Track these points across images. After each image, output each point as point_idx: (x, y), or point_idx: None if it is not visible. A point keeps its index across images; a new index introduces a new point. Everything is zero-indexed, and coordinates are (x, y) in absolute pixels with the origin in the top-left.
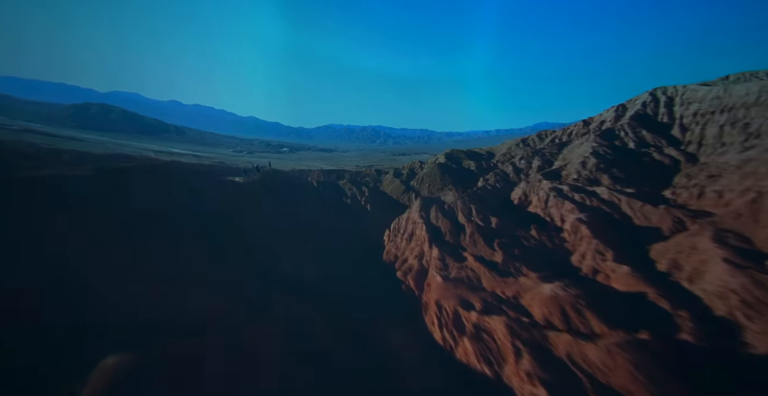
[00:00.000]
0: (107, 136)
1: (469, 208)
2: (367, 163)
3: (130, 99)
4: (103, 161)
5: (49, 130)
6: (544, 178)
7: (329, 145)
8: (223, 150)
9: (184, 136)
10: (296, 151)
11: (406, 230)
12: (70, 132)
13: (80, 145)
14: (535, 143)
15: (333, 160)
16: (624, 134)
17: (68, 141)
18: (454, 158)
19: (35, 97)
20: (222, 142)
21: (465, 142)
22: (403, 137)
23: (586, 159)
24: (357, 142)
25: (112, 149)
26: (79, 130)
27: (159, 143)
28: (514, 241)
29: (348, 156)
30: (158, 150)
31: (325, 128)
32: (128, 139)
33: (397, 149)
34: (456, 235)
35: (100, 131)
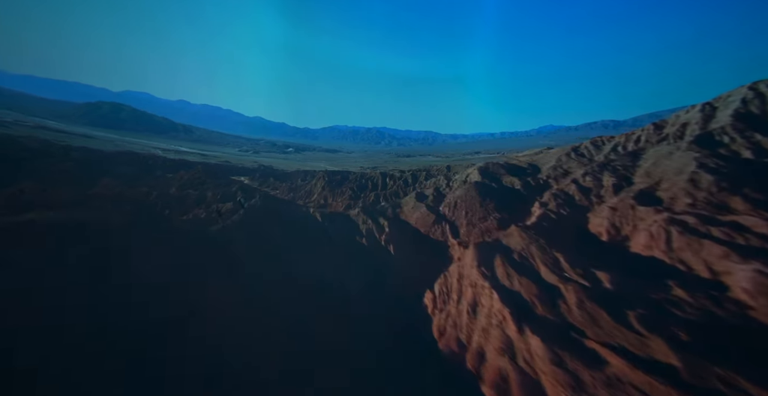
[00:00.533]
0: (117, 133)
1: (553, 257)
2: (372, 165)
3: (140, 98)
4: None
5: (62, 127)
6: (637, 202)
7: (334, 146)
8: (230, 149)
9: (191, 134)
10: (301, 152)
11: (462, 295)
12: (82, 129)
13: (91, 142)
14: (592, 153)
15: (338, 161)
16: (729, 140)
17: (80, 138)
18: (491, 174)
19: (51, 95)
20: (229, 142)
21: (470, 145)
22: (408, 139)
23: (695, 175)
24: (361, 143)
25: (120, 146)
26: (90, 127)
27: (167, 141)
28: (658, 312)
29: (353, 157)
30: (166, 148)
31: (330, 129)
32: (138, 137)
33: (402, 151)
34: (551, 303)
35: (111, 129)
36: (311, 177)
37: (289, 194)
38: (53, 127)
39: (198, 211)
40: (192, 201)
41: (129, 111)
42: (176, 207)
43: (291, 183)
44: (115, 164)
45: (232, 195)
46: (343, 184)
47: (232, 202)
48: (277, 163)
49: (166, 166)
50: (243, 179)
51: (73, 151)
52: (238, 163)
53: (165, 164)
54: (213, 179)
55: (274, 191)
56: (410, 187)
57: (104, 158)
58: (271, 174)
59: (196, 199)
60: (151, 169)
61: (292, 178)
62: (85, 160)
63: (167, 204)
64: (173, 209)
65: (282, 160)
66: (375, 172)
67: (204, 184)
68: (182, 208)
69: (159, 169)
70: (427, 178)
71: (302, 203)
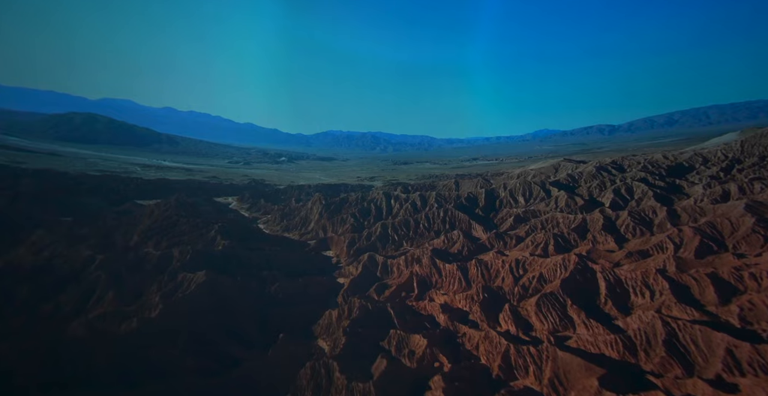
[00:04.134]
0: (92, 148)
1: None
2: (369, 174)
3: (122, 107)
4: None
5: (25, 144)
6: None
7: (329, 153)
8: (218, 161)
9: (176, 146)
10: (295, 161)
11: None
12: (50, 145)
13: (56, 161)
14: None
15: (333, 170)
16: None
17: (44, 157)
18: None
19: (19, 106)
20: (217, 153)
21: (467, 150)
22: (404, 143)
23: None
24: (357, 149)
25: (92, 165)
26: (61, 142)
27: (149, 155)
28: None
29: (348, 165)
30: (147, 163)
31: (324, 135)
32: (115, 151)
33: (398, 157)
34: None
35: (84, 143)
36: (306, 195)
37: (282, 222)
38: (14, 144)
39: (150, 295)
40: (150, 268)
41: (105, 122)
42: (121, 284)
43: (284, 205)
44: (76, 194)
45: (203, 255)
46: (343, 207)
47: (204, 270)
48: (269, 176)
49: (140, 190)
50: (231, 201)
51: (27, 177)
52: (226, 178)
53: (140, 187)
54: (188, 216)
55: (265, 216)
56: (420, 213)
57: (63, 186)
58: (262, 193)
59: (156, 263)
60: (122, 196)
61: (285, 196)
62: (35, 191)
63: (112, 280)
64: (114, 291)
65: (274, 171)
66: (378, 192)
67: (176, 226)
68: (130, 286)
69: (131, 195)
70: (438, 203)
71: (297, 236)
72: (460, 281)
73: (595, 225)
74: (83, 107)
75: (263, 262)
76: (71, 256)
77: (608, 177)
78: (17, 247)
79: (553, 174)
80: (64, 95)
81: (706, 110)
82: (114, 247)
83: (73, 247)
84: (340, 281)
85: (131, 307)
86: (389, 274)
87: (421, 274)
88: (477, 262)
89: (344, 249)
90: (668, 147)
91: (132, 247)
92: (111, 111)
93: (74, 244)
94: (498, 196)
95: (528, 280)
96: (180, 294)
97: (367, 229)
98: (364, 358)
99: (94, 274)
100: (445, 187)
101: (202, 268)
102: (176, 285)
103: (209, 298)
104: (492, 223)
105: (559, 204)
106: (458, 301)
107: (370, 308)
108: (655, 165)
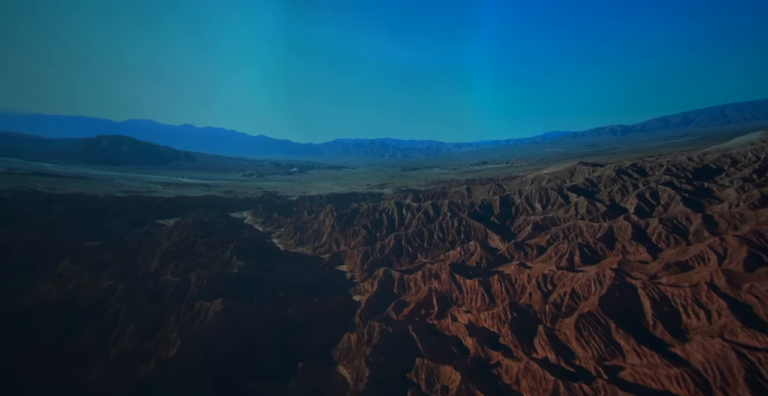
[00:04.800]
0: (117, 169)
1: None
2: (379, 181)
3: (144, 127)
4: None
5: (59, 170)
6: None
7: (338, 161)
8: (233, 175)
9: (194, 162)
10: (306, 171)
11: None
12: (80, 169)
13: (86, 185)
14: None
15: (343, 179)
16: None
17: (75, 181)
18: None
19: (55, 133)
20: (232, 166)
21: (476, 153)
22: (412, 149)
23: None
24: (366, 156)
25: (118, 186)
26: (90, 165)
27: (169, 173)
28: None
29: (358, 173)
30: (167, 181)
31: (334, 143)
32: (139, 171)
33: (407, 163)
34: None
35: (111, 165)
36: (318, 206)
37: (295, 235)
38: (50, 170)
39: (169, 327)
40: (169, 296)
41: (130, 143)
42: (141, 316)
43: (297, 217)
44: (102, 217)
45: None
46: (354, 219)
47: (221, 298)
48: (281, 187)
49: (161, 210)
50: (245, 215)
51: (56, 204)
52: (240, 192)
53: (160, 207)
54: (205, 236)
55: (279, 230)
56: (433, 223)
57: (91, 211)
58: (275, 206)
59: (174, 290)
60: (144, 217)
61: (297, 208)
62: (65, 219)
63: (132, 312)
64: (134, 324)
65: (287, 182)
66: (389, 202)
67: (193, 247)
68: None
69: (153, 214)
70: (452, 211)
71: (311, 251)
72: (483, 298)
73: (623, 234)
74: (110, 130)
75: (278, 282)
76: (94, 286)
77: (630, 181)
78: (46, 280)
79: (569, 178)
80: (93, 119)
81: (723, 109)
82: (135, 274)
83: (96, 275)
84: (356, 299)
85: (151, 341)
86: (406, 291)
87: (440, 290)
88: (500, 277)
89: (358, 263)
90: (685, 147)
91: (152, 272)
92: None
93: (97, 273)
94: (513, 202)
95: (559, 296)
96: (197, 326)
97: (380, 241)
98: (391, 394)
99: (115, 306)
100: (457, 194)
101: (218, 293)
102: (194, 315)
103: (227, 326)
104: (509, 231)
105: (580, 210)
106: (483, 320)
107: (390, 332)
108: (680, 167)
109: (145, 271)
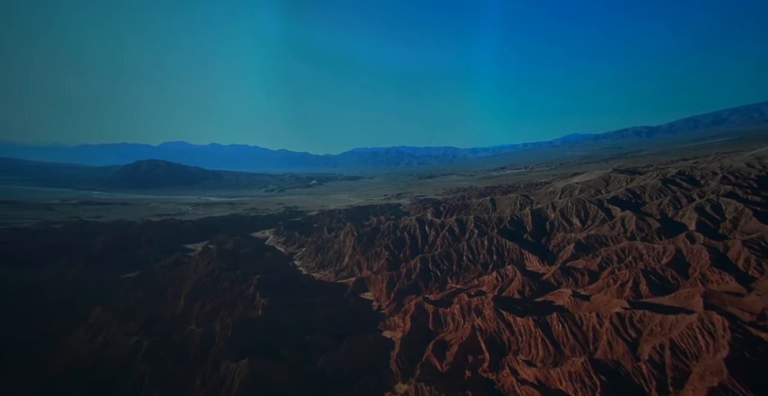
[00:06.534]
0: (154, 192)
1: None
2: (395, 191)
3: (177, 149)
4: None
5: (104, 197)
6: None
7: (355, 172)
8: (256, 191)
9: (220, 180)
10: (324, 183)
11: None
12: (122, 195)
13: (127, 210)
14: None
15: (360, 190)
16: None
17: (118, 207)
18: None
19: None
20: (255, 182)
21: (493, 159)
22: (427, 156)
23: None
24: (382, 165)
25: (154, 209)
26: (131, 190)
27: (199, 192)
28: None
29: (374, 183)
30: (196, 201)
31: (350, 153)
32: (172, 192)
33: (423, 171)
34: None
35: (149, 188)
36: (337, 222)
37: (317, 256)
38: (96, 199)
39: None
40: (194, 353)
41: (164, 167)
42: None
43: (317, 236)
44: (137, 245)
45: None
46: (375, 238)
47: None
48: (301, 202)
49: (189, 234)
50: (268, 235)
51: (99, 234)
52: (263, 208)
53: (189, 231)
54: (229, 268)
55: (300, 249)
56: (460, 242)
57: (128, 240)
58: (296, 224)
59: (199, 344)
60: (174, 242)
61: (318, 224)
62: (105, 249)
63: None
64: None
65: (306, 196)
66: (410, 220)
67: (218, 282)
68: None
69: (182, 239)
70: (479, 228)
71: (333, 275)
72: (545, 343)
73: (697, 258)
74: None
75: (304, 323)
76: (121, 341)
77: (680, 191)
78: (80, 326)
79: (604, 188)
80: (134, 145)
81: (759, 107)
82: (162, 318)
83: (124, 326)
84: (387, 336)
85: None
86: (443, 326)
87: (485, 329)
88: (560, 316)
89: (384, 290)
90: (721, 148)
91: (179, 315)
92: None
93: (126, 322)
94: (547, 217)
95: (655, 352)
96: (224, 395)
97: (404, 264)
98: None
99: (141, 369)
100: (480, 207)
101: (244, 346)
102: (220, 378)
103: (253, 391)
104: (547, 251)
105: (628, 227)
106: (557, 380)
107: None
108: (738, 175)
109: (172, 313)
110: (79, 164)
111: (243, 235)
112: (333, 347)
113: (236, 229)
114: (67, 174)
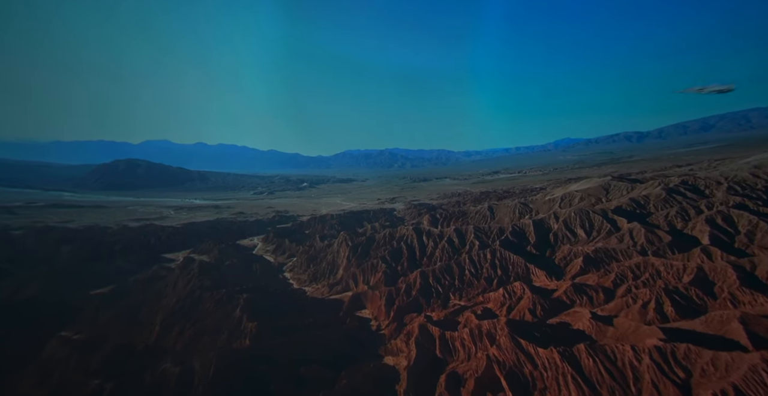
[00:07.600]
0: (133, 194)
1: None
2: (389, 195)
3: (160, 148)
4: None
5: (77, 199)
6: None
7: (348, 174)
8: (244, 193)
9: (207, 182)
10: (316, 185)
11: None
12: (97, 196)
13: (101, 214)
14: None
15: (353, 193)
16: None
17: (90, 211)
18: None
19: (75, 159)
20: (243, 184)
21: (486, 162)
22: (420, 159)
23: None
24: (375, 167)
25: (132, 213)
26: (107, 192)
27: (182, 194)
28: None
29: (368, 186)
30: (179, 205)
31: (342, 155)
32: (152, 194)
33: (417, 174)
34: None
35: (127, 189)
36: (330, 228)
37: (309, 268)
38: (67, 201)
39: None
40: (170, 393)
41: (144, 166)
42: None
43: (309, 245)
44: (110, 256)
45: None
46: (371, 249)
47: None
48: (291, 205)
49: (170, 242)
50: (256, 242)
51: (67, 243)
52: (251, 213)
53: (169, 239)
54: (212, 287)
55: (291, 260)
56: (461, 255)
57: (100, 249)
58: (286, 231)
59: (176, 386)
60: (153, 252)
61: (310, 231)
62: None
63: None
64: None
65: (297, 199)
66: (407, 229)
67: (199, 303)
68: None
69: (162, 248)
70: (479, 239)
71: (327, 289)
72: (576, 383)
73: (723, 277)
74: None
75: (298, 351)
76: (78, 384)
77: (686, 202)
78: (31, 364)
79: (604, 196)
80: (112, 143)
81: (746, 113)
82: (133, 349)
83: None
84: (389, 363)
85: None
86: (452, 353)
87: (503, 361)
88: (589, 349)
89: (382, 308)
90: (711, 154)
91: (152, 347)
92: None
93: (89, 354)
94: (550, 228)
95: None
96: None
97: (403, 279)
98: None
99: None
100: (478, 215)
101: (229, 383)
102: None
103: None
104: (552, 264)
105: (637, 240)
106: None
107: None
108: (745, 186)
109: (146, 342)
110: (49, 162)
111: (229, 244)
112: (331, 381)
113: (222, 236)
114: (34, 173)
